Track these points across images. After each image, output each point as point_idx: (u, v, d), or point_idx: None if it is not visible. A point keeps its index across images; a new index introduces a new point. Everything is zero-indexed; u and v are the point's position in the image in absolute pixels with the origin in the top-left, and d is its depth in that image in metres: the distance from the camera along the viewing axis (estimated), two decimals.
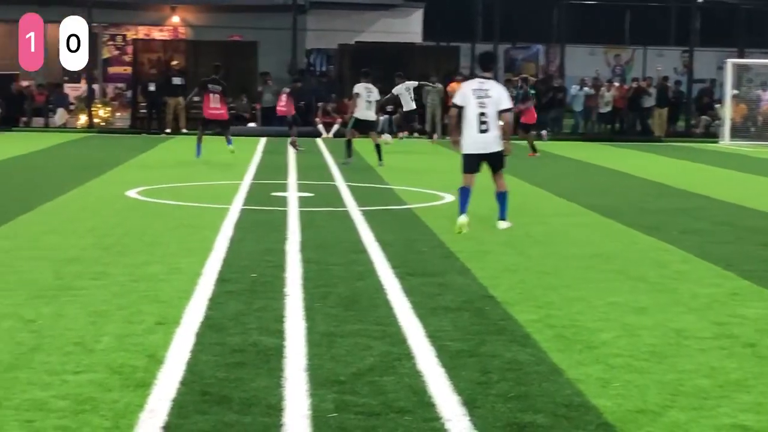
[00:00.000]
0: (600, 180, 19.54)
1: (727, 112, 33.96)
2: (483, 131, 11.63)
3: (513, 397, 5.48)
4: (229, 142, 22.19)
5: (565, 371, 6.00)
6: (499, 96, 11.72)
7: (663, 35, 46.10)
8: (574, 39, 39.90)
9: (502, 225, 11.96)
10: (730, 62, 34.66)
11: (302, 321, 7.11)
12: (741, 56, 37.79)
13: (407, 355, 6.27)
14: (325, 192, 15.95)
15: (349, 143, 21.61)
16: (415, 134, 33.58)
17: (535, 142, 25.85)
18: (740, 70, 35.55)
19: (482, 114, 11.60)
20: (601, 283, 8.83)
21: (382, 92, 34.65)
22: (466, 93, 11.78)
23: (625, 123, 35.74)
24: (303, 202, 14.45)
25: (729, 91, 34.01)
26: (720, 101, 35.58)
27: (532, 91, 34.82)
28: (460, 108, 11.76)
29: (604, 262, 9.94)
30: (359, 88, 21.75)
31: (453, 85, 33.46)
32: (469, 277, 8.90)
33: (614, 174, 20.88)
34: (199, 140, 21.92)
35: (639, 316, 7.53)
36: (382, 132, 26.71)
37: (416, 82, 29.23)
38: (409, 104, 28.39)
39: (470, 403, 5.35)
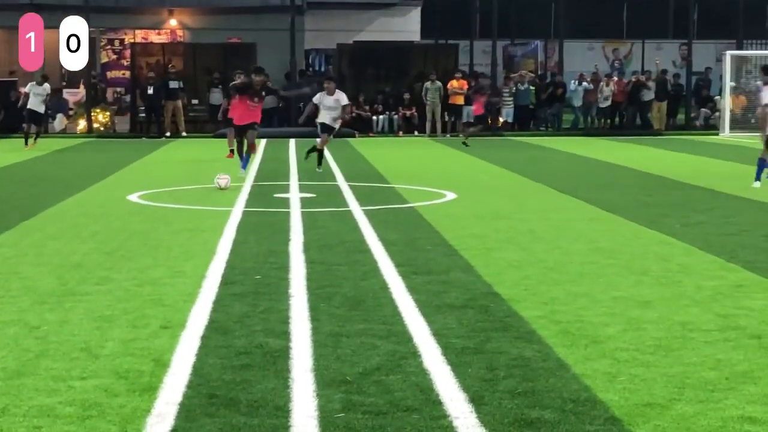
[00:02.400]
0: (601, 175, 19.52)
1: (727, 104, 33.93)
2: None
3: (520, 393, 5.49)
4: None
5: (571, 366, 6.00)
6: None
7: (661, 28, 46.11)
8: (573, 34, 39.88)
9: (756, 184, 15.69)
10: (729, 54, 34.63)
11: (307, 322, 7.11)
12: (740, 48, 37.74)
13: (413, 354, 6.27)
14: (327, 192, 15.95)
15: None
16: (415, 132, 33.59)
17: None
18: (739, 61, 35.53)
19: None
20: (604, 278, 8.83)
21: (381, 92, 34.60)
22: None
23: (625, 117, 35.71)
24: (305, 203, 14.46)
25: (728, 83, 33.98)
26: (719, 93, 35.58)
27: (532, 88, 34.97)
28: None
29: (607, 256, 9.94)
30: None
31: (452, 82, 33.50)
32: (473, 275, 8.90)
33: (615, 168, 20.87)
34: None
35: (644, 310, 7.53)
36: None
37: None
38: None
39: (477, 400, 5.36)
